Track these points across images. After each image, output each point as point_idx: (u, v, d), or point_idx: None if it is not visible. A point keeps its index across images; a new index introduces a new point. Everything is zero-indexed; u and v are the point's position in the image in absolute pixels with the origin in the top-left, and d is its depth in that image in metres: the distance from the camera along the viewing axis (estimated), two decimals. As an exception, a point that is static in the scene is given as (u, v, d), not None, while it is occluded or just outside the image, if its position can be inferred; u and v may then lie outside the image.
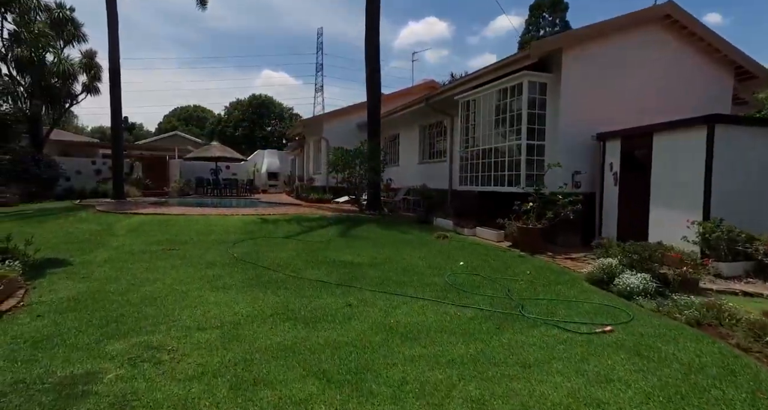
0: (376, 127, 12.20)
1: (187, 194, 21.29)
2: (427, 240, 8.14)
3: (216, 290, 4.71)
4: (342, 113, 17.22)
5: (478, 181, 9.28)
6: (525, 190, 7.59)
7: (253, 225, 9.25)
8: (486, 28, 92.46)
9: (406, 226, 9.83)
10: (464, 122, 9.80)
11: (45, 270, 5.56)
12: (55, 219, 9.91)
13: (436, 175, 12.53)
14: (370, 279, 5.30)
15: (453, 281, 5.20)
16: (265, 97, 43.89)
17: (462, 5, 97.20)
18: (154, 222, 9.21)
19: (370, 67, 12.09)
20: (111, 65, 14.18)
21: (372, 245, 7.62)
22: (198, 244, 7.49)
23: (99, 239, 7.82)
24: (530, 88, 7.64)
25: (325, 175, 16.96)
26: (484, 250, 7.11)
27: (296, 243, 7.66)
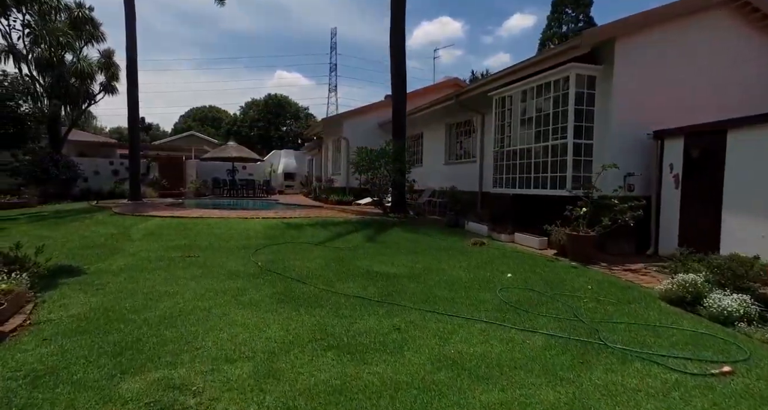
0: (401, 125, 11.62)
1: (204, 195, 21.03)
2: (463, 248, 7.54)
3: (242, 307, 4.19)
4: (362, 112, 16.69)
5: (513, 183, 8.63)
6: (572, 194, 6.93)
7: (275, 229, 8.76)
8: (500, 28, 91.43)
9: (435, 231, 9.23)
10: (498, 120, 9.16)
11: (57, 281, 5.12)
12: (71, 222, 9.57)
13: (464, 176, 11.90)
14: (412, 294, 4.72)
15: (506, 298, 4.59)
16: (280, 97, 43.64)
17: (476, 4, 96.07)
18: (171, 226, 8.78)
19: (395, 63, 11.51)
20: (128, 63, 13.89)
21: (405, 252, 7.04)
22: (218, 250, 7.02)
23: (115, 244, 7.41)
24: (578, 81, 6.97)
25: (345, 175, 16.44)
26: (530, 260, 6.47)
27: (323, 250, 7.13)
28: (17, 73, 16.07)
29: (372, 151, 11.09)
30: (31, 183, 15.78)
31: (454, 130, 13.06)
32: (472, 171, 11.50)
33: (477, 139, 11.31)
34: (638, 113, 6.94)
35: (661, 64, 7.08)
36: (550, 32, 32.96)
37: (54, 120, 17.04)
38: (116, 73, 18.28)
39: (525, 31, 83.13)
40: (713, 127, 5.91)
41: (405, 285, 5.06)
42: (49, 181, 16.24)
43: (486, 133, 10.91)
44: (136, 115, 14.16)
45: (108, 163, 20.71)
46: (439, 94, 14.51)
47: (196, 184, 21.40)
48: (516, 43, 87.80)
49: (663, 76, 7.10)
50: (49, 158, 16.40)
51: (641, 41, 6.95)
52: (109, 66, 18.11)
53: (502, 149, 9.01)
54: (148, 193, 17.77)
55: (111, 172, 20.39)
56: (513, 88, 8.54)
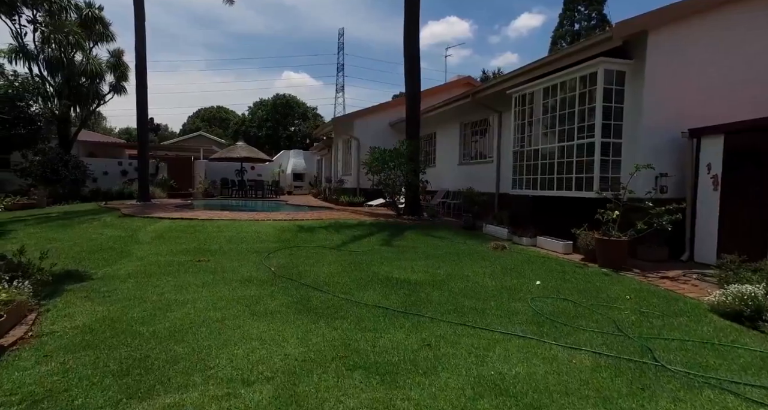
0: (415, 125, 11.31)
1: (212, 195, 20.88)
2: (484, 252, 7.20)
3: (257, 318, 3.90)
4: (373, 111, 16.40)
5: (534, 185, 8.27)
6: (600, 195, 6.57)
7: (287, 232, 8.49)
8: (508, 28, 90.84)
9: (452, 234, 8.90)
10: (518, 119, 8.80)
11: (63, 287, 4.88)
12: (79, 224, 9.38)
13: (480, 177, 11.55)
14: (438, 304, 4.40)
15: (540, 308, 4.26)
16: (288, 97, 43.50)
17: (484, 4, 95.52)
18: (180, 228, 8.55)
19: (409, 60, 11.20)
20: (137, 59, 13.70)
21: (424, 257, 6.73)
22: (229, 254, 6.76)
23: (123, 247, 7.17)
24: (606, 77, 6.61)
25: (355, 176, 16.15)
26: (557, 266, 6.12)
27: (338, 255, 6.84)
28: (27, 73, 16.01)
29: (385, 151, 10.79)
30: (41, 183, 15.68)
31: (469, 130, 12.71)
32: (489, 171, 11.15)
33: (493, 139, 10.96)
34: (671, 110, 6.56)
35: (697, 57, 6.68)
36: (562, 30, 32.46)
37: (64, 120, 16.96)
38: (125, 73, 18.18)
39: (533, 30, 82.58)
40: (758, 123, 5.52)
41: (429, 294, 4.74)
42: (58, 182, 16.15)
43: (503, 132, 10.56)
44: (144, 113, 13.99)
45: (117, 163, 20.63)
46: (451, 93, 14.17)
47: (205, 184, 21.25)
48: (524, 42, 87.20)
49: (699, 70, 6.70)
50: (58, 158, 16.31)
51: (677, 33, 6.55)
52: (119, 66, 18.02)
53: (522, 149, 8.66)
54: (156, 194, 17.63)
55: (120, 173, 20.30)
56: (535, 85, 8.19)
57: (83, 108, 17.63)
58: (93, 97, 17.55)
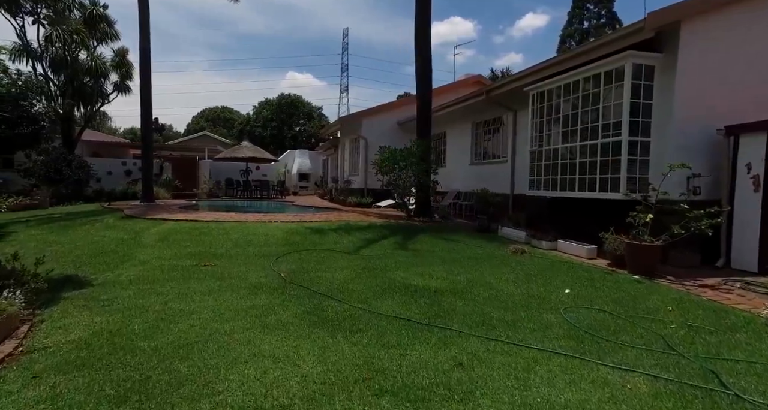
0: (426, 123, 10.97)
1: (217, 196, 20.61)
2: (503, 256, 6.85)
3: (269, 331, 3.57)
4: (381, 110, 16.06)
5: (554, 186, 7.91)
6: (629, 197, 6.20)
7: (295, 234, 8.16)
8: (512, 28, 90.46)
9: (467, 237, 8.55)
10: (536, 117, 8.44)
11: (60, 294, 4.58)
12: (81, 226, 9.10)
13: (493, 177, 11.18)
14: (464, 315, 4.05)
15: (575, 320, 3.90)
16: (293, 97, 43.23)
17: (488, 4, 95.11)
18: (185, 230, 8.24)
19: (420, 58, 10.87)
20: (141, 55, 13.41)
21: (440, 262, 6.38)
22: (236, 258, 6.45)
23: (125, 250, 6.88)
24: (634, 71, 6.24)
25: (363, 176, 15.82)
26: (583, 272, 5.76)
27: (350, 259, 6.51)
28: (31, 72, 15.79)
29: (396, 151, 10.45)
30: (44, 184, 15.47)
31: (481, 129, 12.35)
32: (502, 172, 10.78)
33: (508, 138, 10.59)
34: (705, 106, 6.18)
35: (733, 50, 6.29)
36: (570, 29, 32.01)
37: (67, 119, 16.75)
38: (130, 72, 17.94)
39: (537, 30, 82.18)
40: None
41: (452, 304, 4.40)
42: (62, 182, 15.93)
43: (519, 131, 10.19)
44: (149, 112, 13.71)
45: (121, 163, 20.41)
46: (460, 93, 13.82)
47: (210, 184, 20.99)
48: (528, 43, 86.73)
49: (735, 63, 6.31)
50: (62, 158, 16.10)
51: (713, 23, 6.15)
52: (123, 64, 17.79)
53: (540, 148, 8.29)
54: (160, 194, 17.37)
55: (124, 173, 20.08)
56: (554, 82, 7.82)
57: (87, 107, 17.41)
58: (97, 97, 17.32)
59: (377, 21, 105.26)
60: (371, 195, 14.97)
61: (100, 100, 17.68)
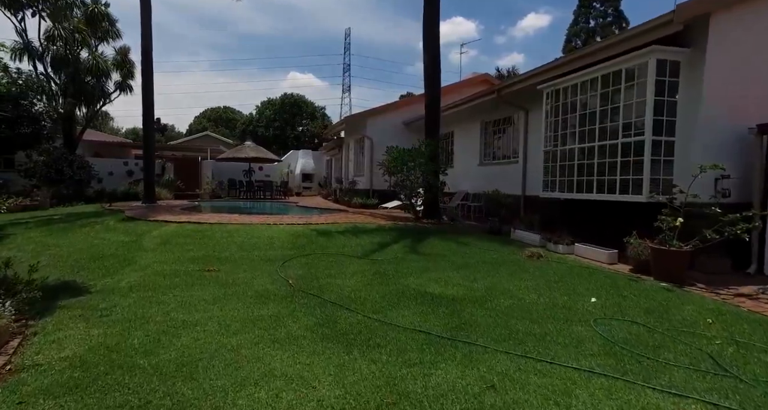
0: (435, 123, 10.70)
1: (219, 197, 20.38)
2: (519, 261, 6.56)
3: (279, 346, 3.30)
4: (387, 110, 15.79)
5: (570, 187, 7.62)
6: (654, 200, 5.91)
7: (301, 237, 7.89)
8: (514, 28, 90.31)
9: (479, 240, 8.27)
10: (551, 116, 8.15)
11: (56, 303, 4.32)
12: (81, 228, 8.84)
13: (503, 178, 10.89)
14: (487, 327, 3.77)
15: (609, 334, 3.62)
16: (297, 96, 42.98)
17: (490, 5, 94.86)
18: (187, 233, 7.98)
19: (429, 54, 10.59)
20: (143, 53, 13.15)
21: (454, 267, 6.10)
22: (241, 263, 6.18)
23: (126, 254, 6.62)
24: (659, 67, 5.94)
25: (368, 177, 15.55)
26: (606, 278, 5.47)
27: (360, 264, 6.24)
28: (32, 70, 15.56)
29: (404, 151, 10.18)
30: (45, 184, 15.23)
31: (491, 128, 12.06)
32: (513, 172, 10.49)
33: (519, 138, 10.30)
34: (734, 104, 5.88)
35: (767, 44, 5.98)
36: (576, 28, 31.66)
37: (69, 119, 16.52)
38: (132, 71, 17.71)
39: (539, 30, 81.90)
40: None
41: (473, 314, 4.11)
42: (62, 182, 15.71)
43: (531, 130, 9.90)
44: (151, 111, 13.47)
45: (122, 163, 20.18)
46: (466, 92, 13.56)
47: (212, 185, 20.75)
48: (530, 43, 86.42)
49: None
50: (63, 158, 15.88)
51: (744, 16, 5.84)
52: (125, 63, 17.55)
53: (555, 148, 8.00)
54: (162, 195, 17.13)
55: (125, 173, 19.85)
56: (571, 79, 7.54)
57: (89, 107, 17.18)
58: (99, 96, 17.09)
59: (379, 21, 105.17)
60: (377, 196, 14.70)
61: (101, 100, 17.45)
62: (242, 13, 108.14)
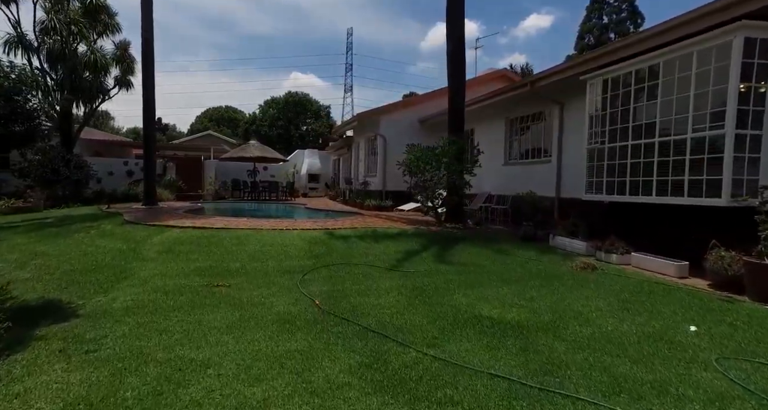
0: (459, 118, 9.86)
1: (223, 197, 19.57)
2: (571, 273, 5.73)
3: (320, 401, 2.47)
4: (401, 107, 14.98)
5: (620, 189, 6.79)
6: (735, 203, 5.07)
7: (319, 244, 7.07)
8: (516, 28, 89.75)
9: (514, 247, 7.44)
10: (596, 109, 7.31)
11: (33, 331, 3.51)
12: (75, 233, 8.02)
13: (531, 178, 10.06)
14: (578, 369, 2.94)
15: (747, 382, 2.77)
16: (301, 95, 42.13)
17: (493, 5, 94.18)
18: (192, 240, 7.15)
19: (452, 42, 9.76)
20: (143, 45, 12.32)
21: (500, 281, 5.28)
22: (255, 276, 5.37)
23: (123, 265, 5.80)
24: (746, 47, 5.09)
25: (381, 178, 14.71)
26: (691, 298, 4.62)
27: (392, 277, 5.42)
28: (26, 64, 14.75)
29: (428, 150, 9.35)
30: (41, 184, 14.42)
31: (517, 125, 11.21)
32: (544, 173, 9.65)
33: (552, 135, 9.46)
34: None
35: None
36: (589, 24, 30.80)
37: (66, 116, 15.71)
38: (132, 66, 16.89)
39: (542, 31, 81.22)
40: None
41: (552, 348, 3.28)
42: (59, 183, 14.90)
43: (567, 126, 9.06)
44: (151, 107, 12.65)
45: (122, 163, 19.38)
46: (484, 88, 12.73)
47: (215, 185, 19.92)
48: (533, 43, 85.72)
49: None
50: (60, 157, 15.07)
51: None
52: (125, 58, 16.72)
53: (601, 145, 7.16)
54: (164, 196, 16.33)
55: (125, 173, 19.05)
56: (624, 67, 6.70)
57: (87, 103, 16.35)
58: (97, 92, 16.27)
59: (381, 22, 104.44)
60: (391, 197, 13.86)
61: (100, 96, 16.63)
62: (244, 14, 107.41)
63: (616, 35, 29.42)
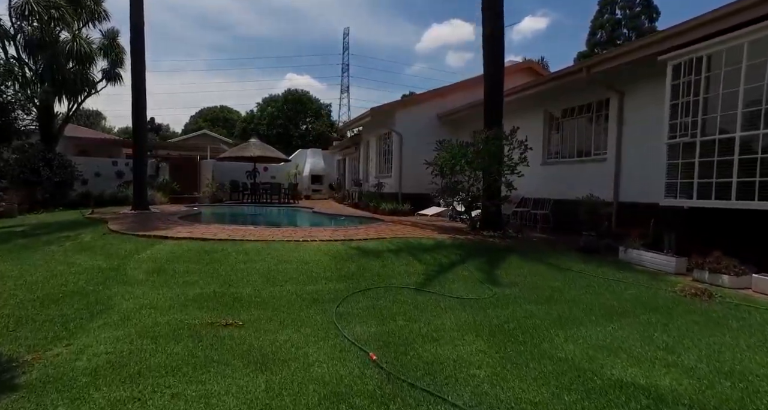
0: (497, 108, 8.59)
1: (221, 200, 18.16)
2: (683, 302, 4.46)
3: None
4: (417, 101, 13.68)
5: (720, 192, 5.52)
6: None
7: (345, 260, 5.76)
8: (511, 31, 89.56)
9: (579, 262, 6.18)
10: (680, 95, 6.05)
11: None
12: (47, 245, 6.65)
13: (578, 180, 8.82)
14: None
15: None
16: (301, 92, 40.62)
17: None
18: (190, 255, 5.81)
19: (489, 26, 8.49)
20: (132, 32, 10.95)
21: (602, 315, 4.01)
22: (274, 308, 4.07)
23: (101, 292, 4.46)
24: None
25: (396, 179, 13.40)
26: None
27: (454, 308, 4.17)
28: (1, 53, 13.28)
29: (464, 147, 8.08)
30: (18, 186, 12.95)
31: (559, 119, 9.94)
32: (596, 173, 8.40)
33: (611, 129, 8.18)
34: None
35: None
36: (602, 19, 29.69)
37: (47, 111, 14.25)
38: (121, 57, 15.47)
39: (537, 33, 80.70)
40: None
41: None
42: (39, 185, 13.43)
43: (628, 118, 7.81)
44: (141, 99, 11.27)
45: (111, 163, 17.90)
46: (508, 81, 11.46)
47: (213, 187, 18.49)
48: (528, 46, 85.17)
49: None
50: (40, 157, 13.62)
51: None
52: (113, 48, 15.31)
53: (693, 139, 5.89)
54: (156, 199, 14.91)
55: (114, 174, 17.57)
56: (724, 42, 5.45)
57: (71, 97, 14.89)
58: (82, 85, 14.81)
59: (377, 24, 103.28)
60: (409, 201, 12.53)
61: (86, 90, 15.17)
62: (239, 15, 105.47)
63: (630, 31, 28.39)
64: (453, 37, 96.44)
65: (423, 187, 12.59)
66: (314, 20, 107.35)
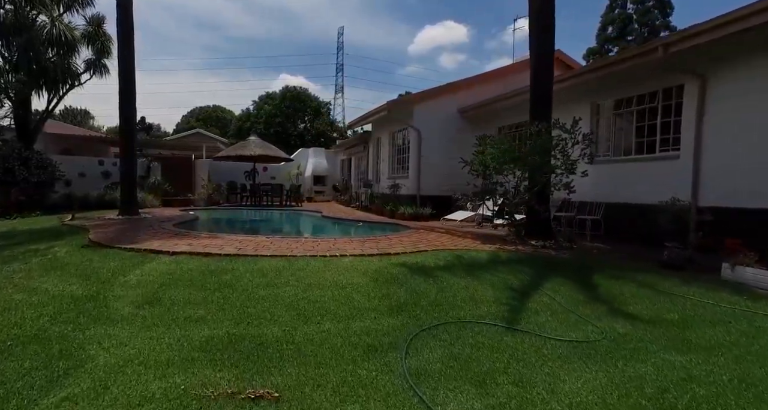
0: (546, 98, 7.41)
1: (217, 202, 16.78)
2: None
3: None
4: (435, 94, 12.43)
5: None
6: None
7: (390, 282, 4.52)
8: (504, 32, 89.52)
9: (667, 280, 5.01)
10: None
11: None
12: (7, 264, 5.29)
13: (641, 180, 7.67)
14: None
15: None
16: (300, 89, 39.12)
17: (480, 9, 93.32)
18: (192, 277, 4.51)
19: (536, 3, 7.31)
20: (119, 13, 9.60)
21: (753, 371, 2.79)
22: (317, 363, 2.83)
23: (68, 337, 3.18)
24: None
25: (415, 180, 12.15)
26: None
27: (569, 359, 2.98)
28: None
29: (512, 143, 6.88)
30: (-9, 187, 11.53)
31: (612, 111, 8.75)
32: (665, 173, 7.26)
33: (687, 120, 6.99)
34: None
35: None
36: (612, 15, 28.72)
37: (23, 104, 12.81)
38: (108, 46, 14.04)
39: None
40: None
41: None
42: (14, 185, 12.01)
43: (712, 108, 6.64)
44: (130, 87, 9.92)
45: (97, 162, 16.43)
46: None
47: (209, 188, 17.08)
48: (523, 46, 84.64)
49: None
50: (15, 155, 12.19)
51: None
52: (98, 36, 13.88)
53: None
54: (147, 201, 13.53)
55: (101, 174, 16.11)
56: None
57: (51, 89, 13.43)
58: (63, 75, 13.36)
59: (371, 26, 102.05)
60: (429, 204, 11.30)
61: (67, 81, 13.72)
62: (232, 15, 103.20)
63: (642, 26, 27.44)
64: (446, 39, 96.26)
65: (441, 189, 11.42)
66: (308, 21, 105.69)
